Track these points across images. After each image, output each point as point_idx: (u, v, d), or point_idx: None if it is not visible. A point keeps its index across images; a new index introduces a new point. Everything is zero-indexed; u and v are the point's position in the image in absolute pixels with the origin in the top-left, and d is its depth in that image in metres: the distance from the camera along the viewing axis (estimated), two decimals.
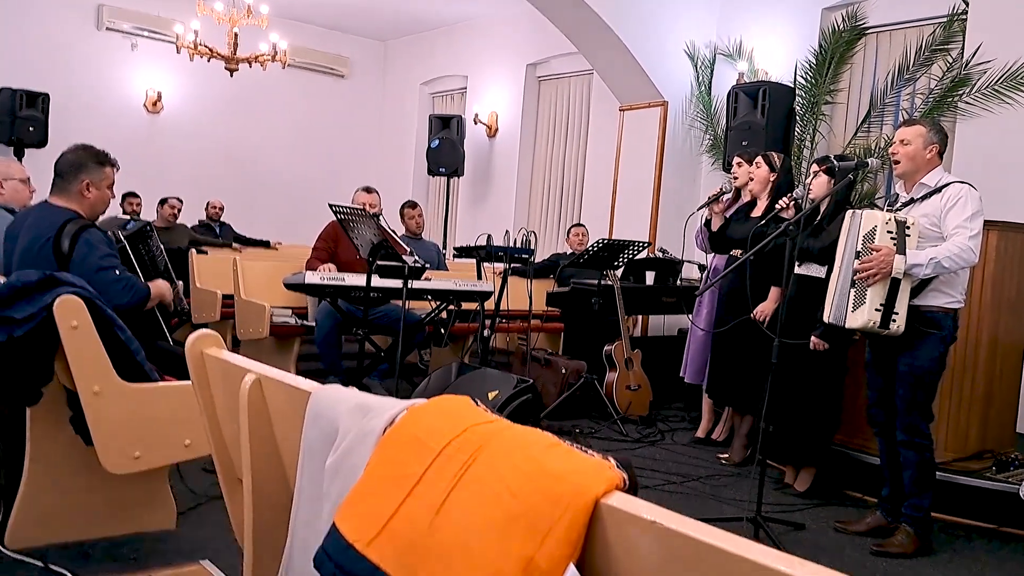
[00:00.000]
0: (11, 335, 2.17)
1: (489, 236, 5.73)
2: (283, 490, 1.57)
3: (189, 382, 1.81)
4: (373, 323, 4.73)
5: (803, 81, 5.89)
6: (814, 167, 3.79)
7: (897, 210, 3.26)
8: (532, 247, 5.77)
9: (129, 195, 7.67)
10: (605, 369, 5.26)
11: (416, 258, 4.46)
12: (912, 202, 3.23)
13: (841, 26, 5.83)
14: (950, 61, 5.31)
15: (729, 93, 5.95)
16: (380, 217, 4.87)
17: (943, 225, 3.10)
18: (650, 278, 6.07)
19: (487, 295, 4.89)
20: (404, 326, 4.26)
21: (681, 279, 5.99)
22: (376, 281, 4.32)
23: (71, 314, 2.25)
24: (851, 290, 3.14)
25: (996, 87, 4.92)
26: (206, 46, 7.32)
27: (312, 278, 4.38)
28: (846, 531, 3.42)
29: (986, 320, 3.80)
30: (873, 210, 3.19)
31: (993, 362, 3.89)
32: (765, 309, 4.11)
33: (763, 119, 5.56)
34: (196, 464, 2.98)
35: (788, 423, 3.81)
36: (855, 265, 3.11)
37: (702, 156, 6.69)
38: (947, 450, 3.61)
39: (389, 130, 10.65)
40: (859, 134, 5.78)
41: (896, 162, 3.24)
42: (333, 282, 4.41)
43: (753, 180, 4.41)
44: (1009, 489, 3.43)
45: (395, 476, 1.09)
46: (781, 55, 6.12)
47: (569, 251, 6.76)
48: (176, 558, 2.61)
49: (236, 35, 7.32)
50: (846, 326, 3.20)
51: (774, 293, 4.11)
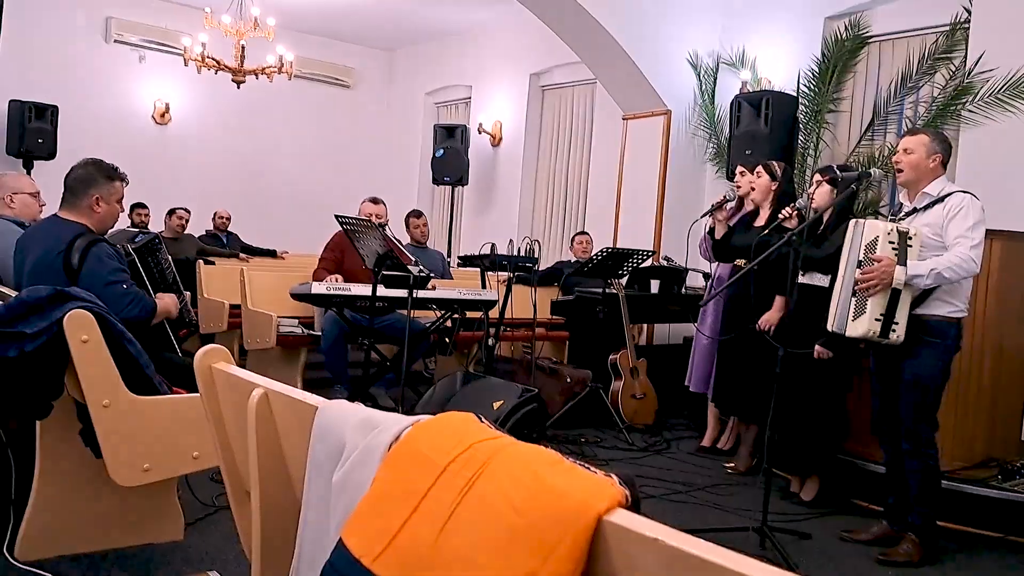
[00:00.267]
0: (22, 350, 2.20)
1: (493, 245, 5.75)
2: (290, 503, 1.59)
3: (198, 394, 1.83)
4: (379, 332, 4.75)
5: (806, 90, 5.90)
6: (817, 177, 3.81)
7: (900, 219, 3.27)
8: (536, 255, 5.79)
9: (137, 206, 7.73)
10: (610, 378, 5.27)
11: (421, 267, 4.49)
12: (915, 211, 3.24)
13: (844, 35, 5.85)
14: (953, 69, 5.31)
15: (732, 102, 5.96)
16: (386, 227, 4.91)
17: (945, 235, 3.11)
18: (655, 286, 6.07)
19: (491, 304, 4.91)
20: (409, 335, 4.29)
21: (686, 287, 5.99)
22: (381, 291, 4.35)
23: (81, 328, 2.28)
24: (852, 299, 3.15)
25: (999, 95, 4.91)
26: (213, 58, 7.38)
27: (318, 288, 4.42)
28: (852, 540, 3.42)
29: (990, 328, 3.80)
30: (875, 220, 3.20)
31: (998, 370, 3.89)
32: (770, 318, 4.12)
33: (766, 128, 5.58)
34: (204, 474, 3.00)
35: (793, 432, 3.81)
36: (856, 275, 3.13)
37: (706, 165, 6.70)
38: (952, 459, 3.61)
39: (394, 140, 10.69)
40: (863, 142, 5.79)
41: (899, 171, 3.26)
42: (339, 292, 4.45)
43: (755, 189, 4.43)
44: (1015, 498, 3.43)
45: (401, 492, 1.11)
46: (784, 64, 6.13)
47: (573, 259, 6.78)
48: (185, 569, 2.63)
49: (243, 47, 7.38)
50: (847, 335, 3.22)
51: (779, 302, 4.12)
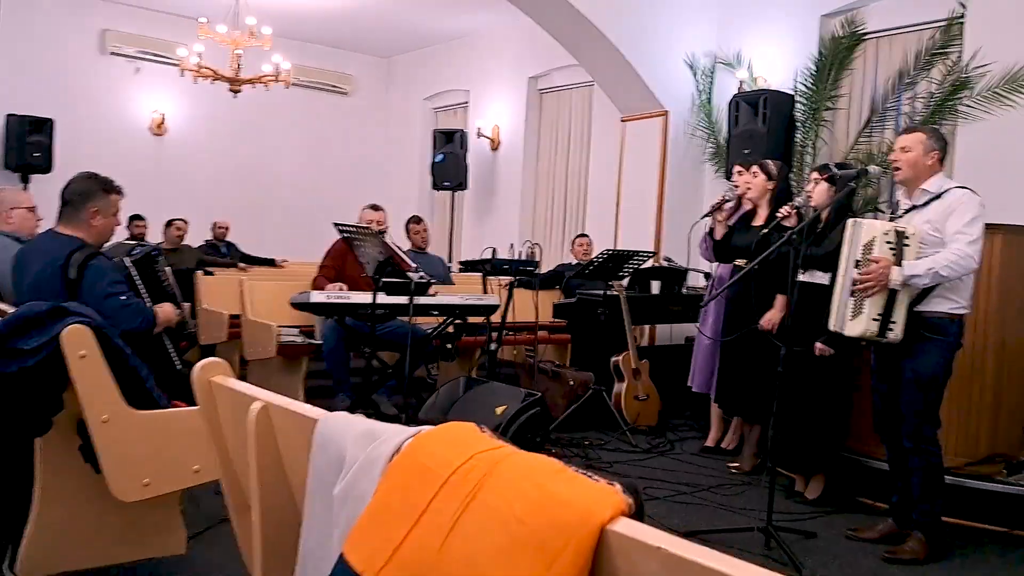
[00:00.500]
0: (23, 366, 2.19)
1: (494, 250, 5.75)
2: (292, 516, 1.58)
3: (198, 408, 1.82)
4: (380, 339, 4.74)
5: (803, 88, 5.89)
6: (814, 175, 3.80)
7: (900, 217, 3.26)
8: (537, 259, 5.79)
9: (135, 218, 7.73)
10: (613, 380, 5.26)
11: (422, 274, 4.48)
12: (915, 208, 3.24)
13: (840, 32, 5.84)
14: (950, 65, 5.30)
15: (730, 102, 5.96)
16: (386, 234, 4.91)
17: (944, 230, 3.10)
18: (655, 287, 6.06)
19: (493, 308, 4.91)
20: (411, 341, 4.28)
21: (687, 287, 5.99)
22: (382, 298, 4.35)
23: (79, 343, 2.27)
24: (850, 299, 3.15)
25: (996, 90, 4.91)
26: (209, 68, 7.38)
27: (318, 297, 4.41)
28: (858, 538, 3.41)
29: (993, 324, 3.78)
30: (873, 220, 3.19)
31: (1001, 366, 3.87)
32: (772, 318, 4.11)
33: (764, 127, 5.57)
34: (207, 486, 2.99)
35: (797, 431, 3.80)
36: (854, 275, 3.12)
37: (705, 165, 6.69)
38: (957, 455, 3.59)
39: (393, 145, 10.70)
40: (861, 140, 5.78)
41: (897, 169, 3.25)
42: (339, 300, 4.43)
43: (751, 188, 4.43)
44: (1021, 492, 3.42)
45: (402, 504, 1.10)
46: (781, 63, 6.13)
47: (574, 261, 6.78)
48: None
49: (239, 57, 7.37)
50: (845, 334, 3.21)
51: (780, 301, 4.11)
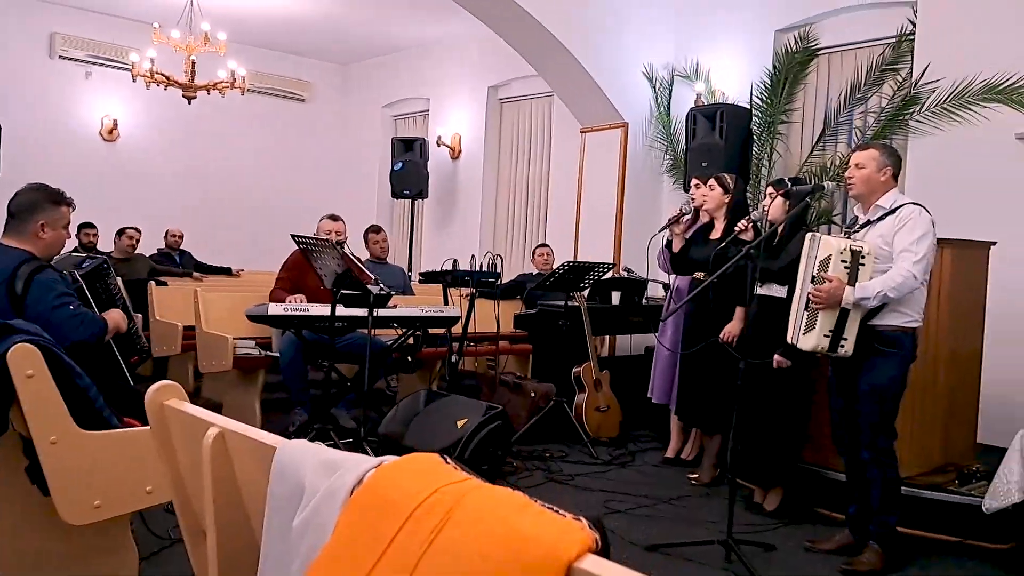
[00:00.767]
0: None
1: (455, 261, 5.72)
2: (249, 545, 1.54)
3: (150, 427, 1.77)
4: (339, 352, 4.67)
5: (759, 102, 5.99)
6: (770, 190, 3.86)
7: (855, 232, 3.32)
8: (498, 270, 5.77)
9: (85, 226, 7.49)
10: (574, 391, 5.26)
11: (381, 286, 4.43)
12: (869, 223, 3.30)
13: (794, 47, 5.96)
14: (900, 81, 5.44)
15: (688, 115, 6.03)
16: (344, 244, 4.84)
17: (893, 245, 3.17)
18: (616, 298, 6.09)
19: (454, 320, 4.88)
20: (370, 354, 4.23)
21: (647, 298, 6.03)
22: (341, 310, 4.29)
23: (26, 362, 2.19)
24: (805, 312, 3.20)
25: (945, 105, 5.04)
26: (162, 74, 7.22)
27: (275, 309, 4.33)
28: (816, 550, 3.45)
29: (944, 336, 3.87)
30: (830, 237, 3.24)
31: (952, 376, 3.96)
32: (732, 330, 4.15)
33: (721, 140, 5.65)
34: (159, 506, 2.91)
35: (756, 442, 3.84)
36: (808, 290, 3.17)
37: (663, 176, 6.76)
38: (911, 466, 3.66)
39: (352, 153, 10.60)
40: (814, 153, 5.89)
41: (851, 186, 3.32)
42: (297, 313, 4.36)
43: (708, 201, 4.48)
44: (972, 502, 3.49)
45: (365, 539, 1.07)
46: (737, 76, 6.23)
47: (535, 271, 6.78)
48: None
49: (193, 63, 7.24)
50: (798, 347, 3.26)
51: (739, 313, 4.15)
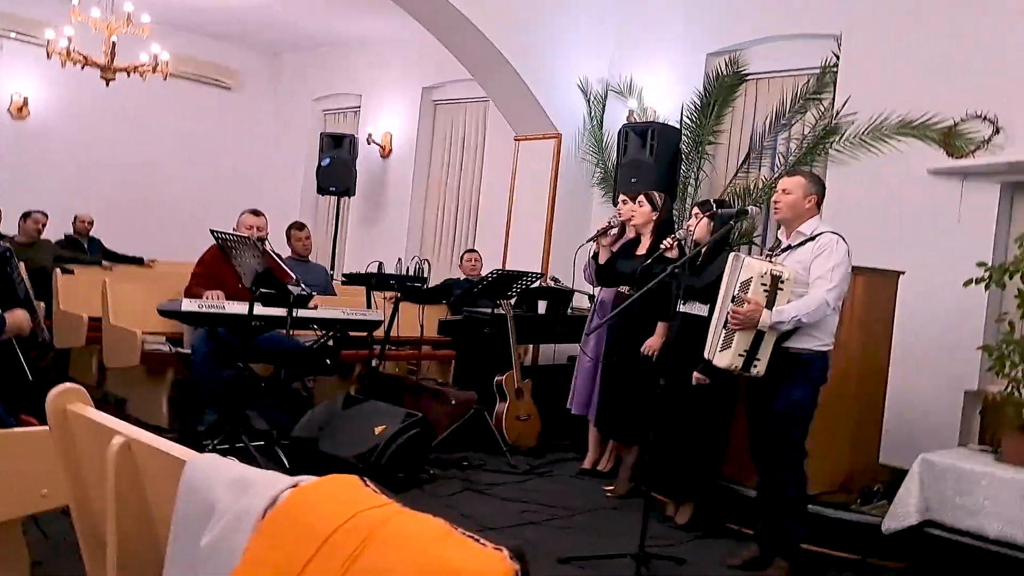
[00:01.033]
0: None
1: (380, 264, 5.64)
2: (152, 560, 1.46)
3: (47, 427, 1.67)
4: (254, 351, 4.53)
5: (688, 122, 6.12)
6: (695, 210, 3.95)
7: (776, 255, 3.42)
8: (425, 275, 5.72)
9: None
10: (495, 399, 5.25)
11: (302, 287, 4.32)
12: (789, 248, 3.40)
13: (724, 71, 6.10)
14: (822, 110, 5.64)
15: (620, 131, 6.10)
16: (266, 241, 4.70)
17: (809, 273, 3.28)
18: (542, 307, 6.12)
19: (376, 325, 4.80)
20: (288, 356, 4.12)
21: (572, 308, 6.07)
22: (259, 310, 4.16)
23: None
24: (723, 330, 3.28)
25: (863, 137, 5.25)
26: (80, 53, 6.86)
27: (189, 306, 4.16)
28: (725, 565, 3.53)
29: (853, 358, 4.02)
30: (753, 259, 3.33)
31: (859, 399, 4.12)
32: (653, 344, 4.22)
33: (651, 158, 5.74)
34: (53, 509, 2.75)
35: (672, 457, 3.90)
36: (729, 308, 3.25)
37: (593, 189, 6.82)
38: (818, 484, 3.78)
39: (278, 146, 10.33)
40: (739, 175, 6.05)
41: (777, 210, 3.41)
42: (212, 311, 4.20)
43: (636, 217, 4.56)
44: (872, 521, 3.63)
45: (278, 563, 1.02)
46: (669, 95, 6.34)
47: (462, 276, 6.74)
48: None
49: (114, 44, 6.91)
50: (714, 363, 3.34)
51: (661, 328, 4.23)
